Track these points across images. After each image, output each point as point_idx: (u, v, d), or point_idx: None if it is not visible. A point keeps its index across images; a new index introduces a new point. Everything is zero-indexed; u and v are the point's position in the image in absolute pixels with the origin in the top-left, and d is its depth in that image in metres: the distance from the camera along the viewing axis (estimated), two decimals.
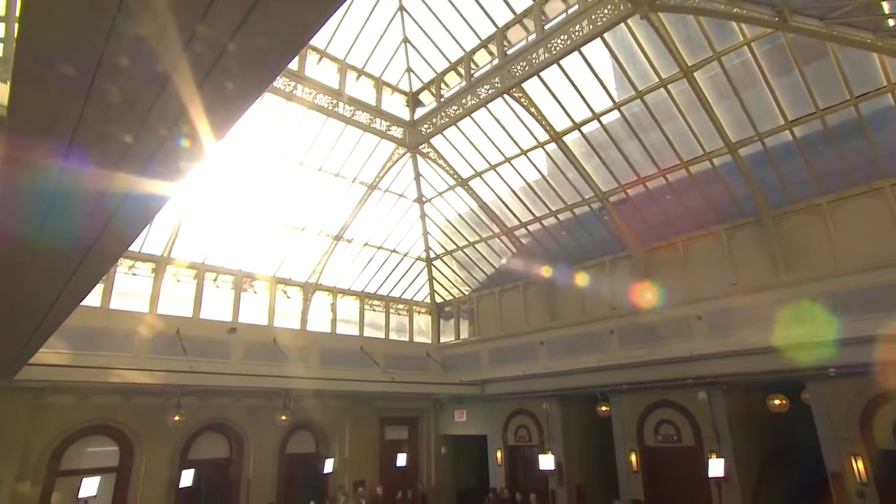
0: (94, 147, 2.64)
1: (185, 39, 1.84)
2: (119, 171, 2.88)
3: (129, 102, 2.29)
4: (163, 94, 2.21)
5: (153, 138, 2.59)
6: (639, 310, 11.20)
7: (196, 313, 11.25)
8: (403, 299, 15.61)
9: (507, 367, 13.36)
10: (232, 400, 11.28)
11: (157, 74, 2.04)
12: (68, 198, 3.12)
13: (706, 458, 9.48)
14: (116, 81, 2.15)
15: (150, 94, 2.22)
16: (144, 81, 2.12)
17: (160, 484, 9.99)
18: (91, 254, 3.78)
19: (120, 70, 2.03)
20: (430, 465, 14.65)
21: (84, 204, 3.22)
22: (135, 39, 1.85)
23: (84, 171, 2.88)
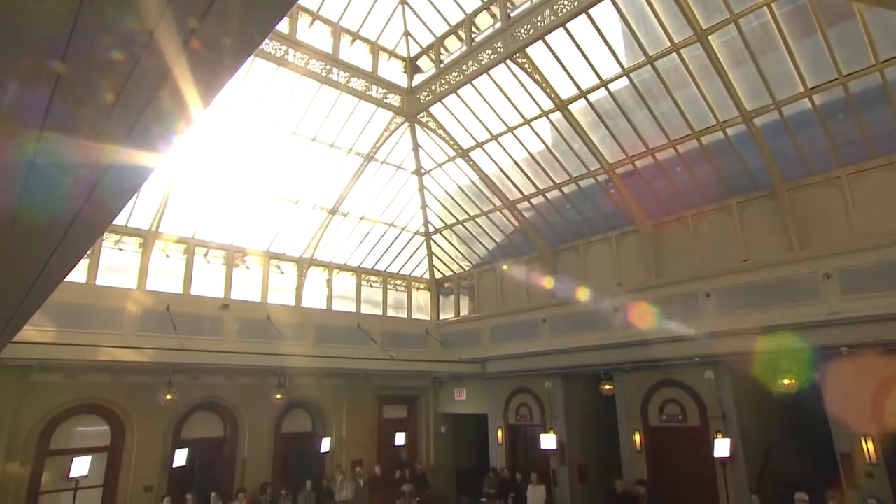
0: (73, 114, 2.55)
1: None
2: (100, 140, 2.80)
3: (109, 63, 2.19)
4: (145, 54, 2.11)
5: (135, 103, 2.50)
6: (645, 286, 11.19)
7: (186, 289, 11.22)
8: (401, 275, 15.60)
9: (508, 344, 13.44)
10: (225, 378, 11.34)
11: (139, 32, 1.94)
12: (47, 168, 3.05)
13: (712, 438, 9.59)
14: (95, 39, 2.05)
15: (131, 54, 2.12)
16: (125, 39, 2.02)
17: (153, 463, 10.10)
18: (74, 228, 3.72)
19: (98, 27, 1.93)
20: (429, 444, 14.83)
21: (64, 175, 3.15)
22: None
23: (62, 140, 2.80)
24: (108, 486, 9.71)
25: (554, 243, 13.22)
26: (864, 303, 8.28)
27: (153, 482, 10.02)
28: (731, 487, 9.31)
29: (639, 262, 11.58)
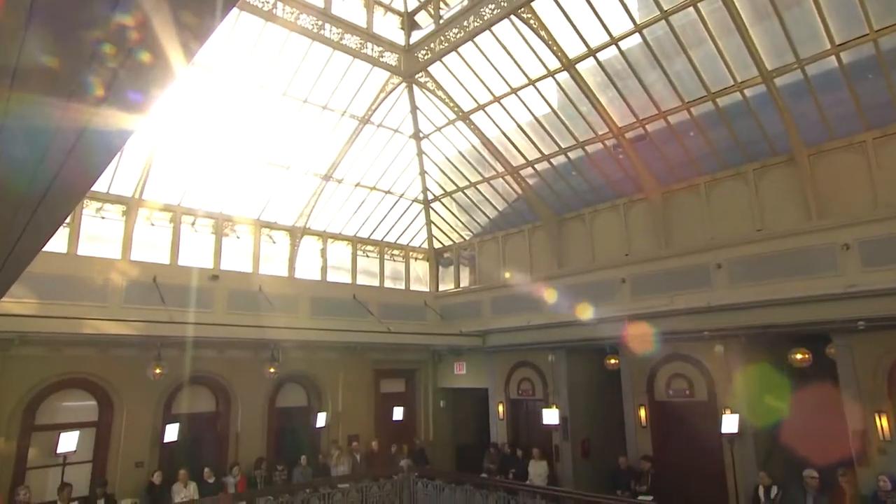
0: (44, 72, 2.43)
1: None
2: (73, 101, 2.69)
3: (81, 15, 2.07)
4: (121, 2, 1.98)
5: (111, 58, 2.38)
6: (654, 257, 11.16)
7: (173, 260, 11.17)
8: (399, 245, 15.54)
9: (510, 317, 13.48)
10: (216, 352, 11.39)
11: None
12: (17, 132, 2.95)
13: (720, 414, 9.67)
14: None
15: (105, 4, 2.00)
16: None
17: (143, 438, 10.22)
18: (50, 193, 3.62)
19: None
20: (427, 419, 15.01)
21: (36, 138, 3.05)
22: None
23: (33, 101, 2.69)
24: (98, 461, 9.83)
25: (559, 212, 13.13)
26: (884, 275, 8.24)
27: (144, 458, 10.15)
28: (738, 464, 9.43)
29: (648, 232, 11.52)
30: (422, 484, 10.89)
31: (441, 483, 10.63)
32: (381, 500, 10.73)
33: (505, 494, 9.63)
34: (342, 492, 10.34)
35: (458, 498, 10.19)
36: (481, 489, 10.09)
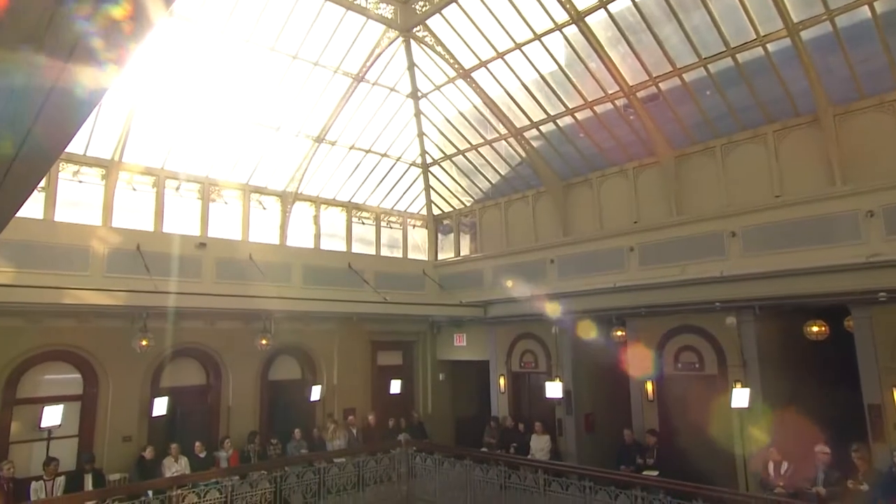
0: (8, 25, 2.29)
1: None
2: (41, 56, 2.56)
3: None
4: None
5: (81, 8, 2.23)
6: (665, 224, 11.08)
7: (158, 226, 11.07)
8: (396, 211, 15.44)
9: (512, 287, 13.38)
10: (205, 323, 11.39)
11: None
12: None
13: (730, 388, 9.75)
14: None
15: None
16: None
17: (131, 412, 10.29)
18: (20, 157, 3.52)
19: None
20: (426, 392, 15.16)
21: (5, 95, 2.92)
22: None
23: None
24: (84, 435, 9.90)
25: (565, 176, 12.98)
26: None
27: (132, 432, 10.24)
28: (747, 439, 9.54)
29: (659, 198, 11.39)
30: (420, 458, 11.04)
31: (440, 457, 10.76)
32: (379, 474, 10.88)
33: (506, 469, 9.76)
34: (338, 466, 10.48)
35: (458, 472, 10.34)
36: (482, 464, 10.22)
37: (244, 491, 9.26)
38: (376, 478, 10.85)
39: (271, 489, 9.48)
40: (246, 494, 9.26)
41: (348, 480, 10.41)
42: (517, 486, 9.53)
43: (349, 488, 10.38)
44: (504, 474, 9.68)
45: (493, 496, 9.82)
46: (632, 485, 8.24)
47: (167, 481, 9.00)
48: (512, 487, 9.58)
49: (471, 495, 10.05)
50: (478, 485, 10.05)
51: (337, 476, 10.29)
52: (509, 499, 9.57)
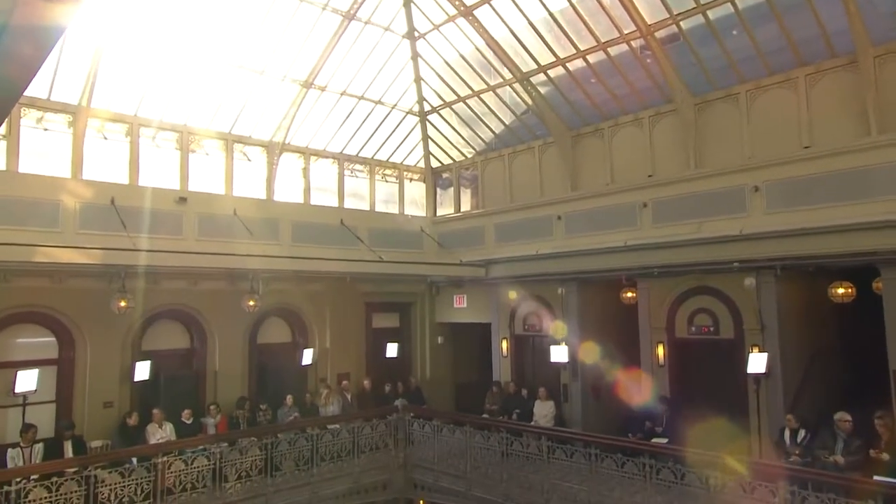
0: None
1: None
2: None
3: None
4: None
5: None
6: (681, 178, 10.83)
7: (133, 179, 10.84)
8: (392, 163, 15.22)
9: (516, 245, 13.36)
10: (188, 283, 11.31)
11: None
12: None
13: (746, 353, 9.70)
14: None
15: None
16: None
17: (111, 377, 10.28)
18: None
19: None
20: (424, 356, 15.24)
21: None
22: None
23: None
24: (62, 401, 9.91)
25: (574, 126, 12.68)
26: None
27: (113, 397, 10.25)
28: (763, 406, 9.55)
29: (676, 149, 11.12)
30: (418, 425, 11.16)
31: (439, 424, 10.87)
32: (374, 441, 11.03)
33: (508, 436, 9.83)
34: (332, 433, 10.59)
35: (458, 439, 10.46)
36: (482, 430, 10.32)
37: (233, 458, 9.35)
38: (372, 445, 10.99)
39: (262, 456, 9.57)
40: (235, 462, 9.35)
41: (342, 447, 10.53)
42: (520, 453, 9.63)
43: (343, 455, 10.52)
44: (506, 441, 9.76)
45: (494, 464, 9.94)
46: (640, 452, 8.26)
47: (152, 448, 9.05)
48: (514, 455, 9.69)
49: (471, 463, 10.16)
50: (478, 452, 10.18)
51: (331, 443, 10.41)
52: (511, 466, 9.68)
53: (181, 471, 8.74)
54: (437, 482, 10.55)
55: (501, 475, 9.63)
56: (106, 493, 7.97)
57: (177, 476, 8.67)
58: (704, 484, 7.33)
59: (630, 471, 8.18)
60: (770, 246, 9.37)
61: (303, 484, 9.83)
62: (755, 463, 8.39)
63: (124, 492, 8.09)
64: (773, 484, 6.96)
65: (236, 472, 9.29)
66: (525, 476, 9.40)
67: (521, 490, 9.34)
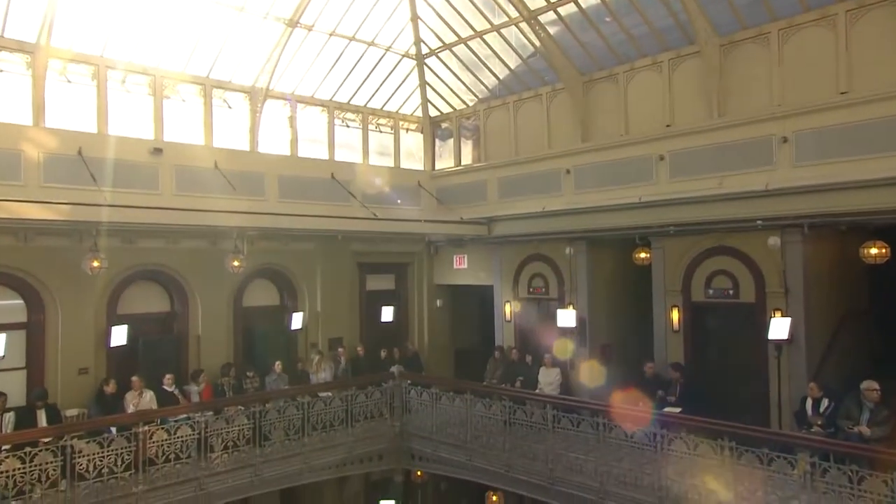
0: None
1: None
2: None
3: None
4: None
5: None
6: (702, 128, 10.60)
7: (102, 128, 10.56)
8: (387, 112, 14.98)
9: (521, 201, 13.25)
10: (167, 242, 11.20)
11: None
12: None
13: (768, 318, 9.64)
14: None
15: None
16: None
17: (86, 342, 10.24)
18: None
19: None
20: (421, 320, 15.26)
21: None
22: None
23: None
24: (33, 368, 9.87)
25: (586, 70, 12.37)
26: None
27: (88, 364, 10.22)
28: (784, 374, 9.52)
29: (697, 96, 10.83)
30: (415, 392, 11.27)
31: (437, 391, 10.95)
32: (369, 409, 11.19)
33: (511, 404, 9.89)
34: (324, 401, 10.67)
35: (457, 408, 10.57)
36: (483, 398, 10.41)
37: (219, 427, 9.45)
38: (367, 413, 11.13)
39: (249, 425, 9.68)
40: (221, 431, 9.44)
41: (335, 416, 10.66)
42: (523, 422, 9.72)
43: (336, 425, 10.65)
44: (509, 410, 9.82)
45: (495, 433, 10.04)
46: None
47: (132, 417, 9.05)
48: (517, 424, 9.78)
49: (471, 432, 10.26)
50: (479, 421, 10.29)
51: (323, 411, 10.53)
52: (514, 436, 9.78)
53: (164, 440, 8.84)
54: (435, 452, 10.68)
55: (503, 445, 9.72)
56: (84, 463, 8.05)
57: (159, 446, 8.77)
58: (719, 454, 7.35)
59: (640, 441, 8.25)
60: (798, 202, 9.23)
61: (293, 454, 9.97)
62: (774, 433, 8.45)
63: (103, 462, 8.17)
64: (792, 455, 6.98)
65: (222, 441, 9.41)
66: (528, 446, 9.50)
67: (524, 460, 9.44)
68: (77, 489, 7.95)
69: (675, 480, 7.77)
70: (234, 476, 9.30)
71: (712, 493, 7.42)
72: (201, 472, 8.91)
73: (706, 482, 7.47)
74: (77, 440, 8.07)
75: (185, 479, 8.81)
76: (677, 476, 7.78)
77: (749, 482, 7.22)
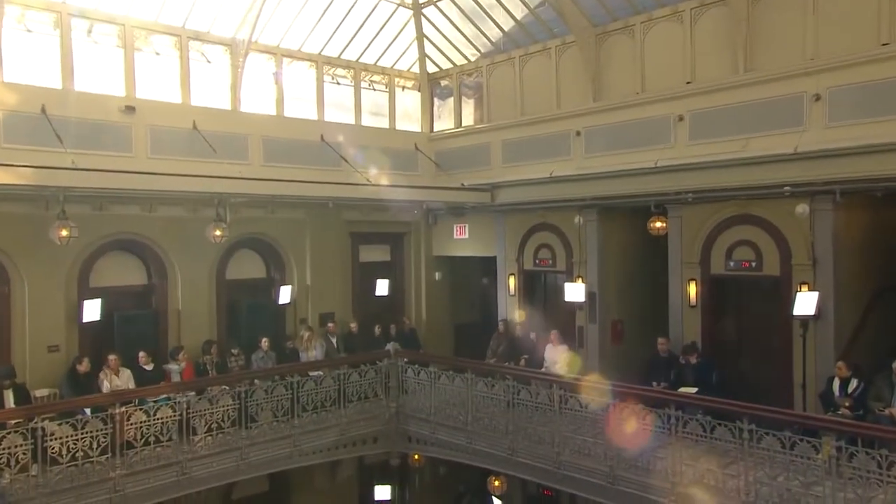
0: None
1: None
2: None
3: None
4: None
5: None
6: (727, 85, 10.45)
7: (68, 83, 10.36)
8: (381, 67, 14.80)
9: (527, 166, 13.23)
10: (142, 209, 11.14)
11: None
12: None
13: (793, 292, 9.57)
14: None
15: None
16: None
17: (55, 317, 10.21)
18: None
19: None
20: (419, 294, 15.30)
21: None
22: None
23: None
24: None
25: (599, 21, 12.18)
26: None
27: (59, 341, 10.22)
28: (810, 352, 9.47)
29: (721, 50, 10.67)
30: (412, 371, 11.30)
31: (436, 370, 10.97)
32: (363, 389, 11.23)
33: (514, 383, 9.88)
34: (315, 380, 10.71)
35: (457, 387, 10.61)
36: (485, 377, 10.42)
37: (202, 408, 9.50)
38: (360, 394, 11.18)
39: (235, 406, 9.72)
40: (205, 412, 9.48)
41: (327, 396, 10.71)
42: (528, 403, 9.71)
43: (328, 405, 10.70)
44: (512, 390, 9.79)
45: (498, 414, 10.08)
46: (665, 403, 8.26)
47: (108, 397, 9.05)
48: (521, 405, 9.77)
49: (472, 414, 10.29)
50: (481, 402, 10.33)
51: (313, 391, 10.58)
52: (518, 418, 9.77)
53: (143, 422, 8.85)
54: (433, 434, 10.75)
55: (507, 427, 9.74)
56: (56, 447, 8.04)
57: (138, 428, 8.78)
58: (737, 437, 7.34)
59: (653, 423, 8.21)
60: (830, 166, 9.13)
61: (282, 437, 10.05)
62: (797, 415, 8.41)
63: (78, 445, 8.17)
64: (817, 439, 6.94)
65: (206, 423, 9.44)
66: (534, 428, 9.51)
67: (528, 443, 9.48)
68: (49, 474, 7.94)
69: (691, 465, 7.76)
70: (219, 460, 9.36)
71: (730, 478, 7.41)
72: (183, 456, 8.96)
73: (723, 467, 7.50)
74: (48, 422, 8.05)
75: (167, 463, 8.85)
76: (692, 460, 7.77)
77: (769, 467, 7.21)
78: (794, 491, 6.99)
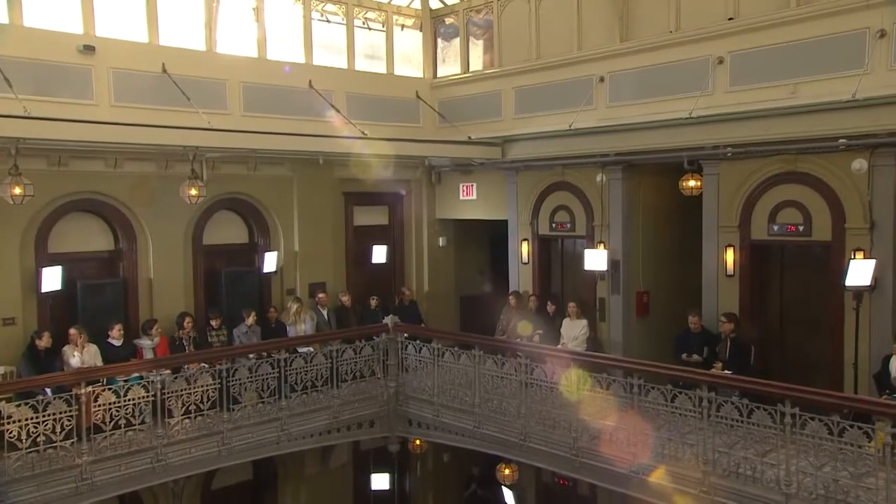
0: None
1: None
2: None
3: None
4: None
5: None
6: (775, 21, 10.20)
7: (16, 18, 10.14)
8: (377, 2, 14.63)
9: (543, 116, 13.06)
10: (106, 165, 11.03)
11: None
12: None
13: (846, 259, 9.48)
14: None
15: None
16: None
17: (10, 287, 10.16)
18: None
19: None
20: (420, 262, 15.33)
21: None
22: None
23: None
24: None
25: None
26: None
27: (15, 313, 10.19)
28: (864, 328, 9.37)
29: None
30: (413, 347, 11.42)
31: (440, 346, 11.02)
32: (359, 367, 11.37)
33: (527, 361, 9.92)
34: (304, 357, 10.77)
35: (463, 365, 10.70)
36: (495, 354, 10.49)
37: (179, 388, 9.56)
38: (355, 372, 11.30)
39: (215, 385, 9.83)
40: (182, 393, 9.56)
41: (318, 375, 10.82)
42: (543, 383, 9.77)
43: (319, 385, 10.81)
44: (525, 368, 9.84)
45: (509, 395, 10.14)
46: (696, 383, 8.27)
47: (72, 376, 9.09)
48: (535, 385, 9.84)
49: (480, 395, 10.36)
50: (490, 381, 10.41)
51: (303, 369, 10.68)
52: (531, 399, 9.83)
53: (112, 404, 8.90)
54: (437, 418, 10.84)
55: (518, 410, 9.79)
56: (15, 430, 8.10)
57: (106, 410, 8.83)
58: (777, 422, 7.32)
59: (683, 406, 8.22)
60: (893, 115, 8.96)
61: (268, 420, 10.20)
62: (847, 398, 8.39)
63: (39, 429, 8.22)
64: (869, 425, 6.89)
65: (183, 405, 9.52)
66: (548, 411, 9.56)
67: (542, 428, 9.55)
68: (7, 460, 7.99)
69: (725, 452, 7.80)
70: (198, 445, 9.48)
71: (769, 467, 7.44)
72: (158, 441, 9.04)
73: (761, 455, 7.54)
74: (5, 403, 8.08)
75: (139, 449, 8.94)
76: (726, 447, 7.82)
77: (814, 456, 7.18)
78: (843, 482, 6.94)
